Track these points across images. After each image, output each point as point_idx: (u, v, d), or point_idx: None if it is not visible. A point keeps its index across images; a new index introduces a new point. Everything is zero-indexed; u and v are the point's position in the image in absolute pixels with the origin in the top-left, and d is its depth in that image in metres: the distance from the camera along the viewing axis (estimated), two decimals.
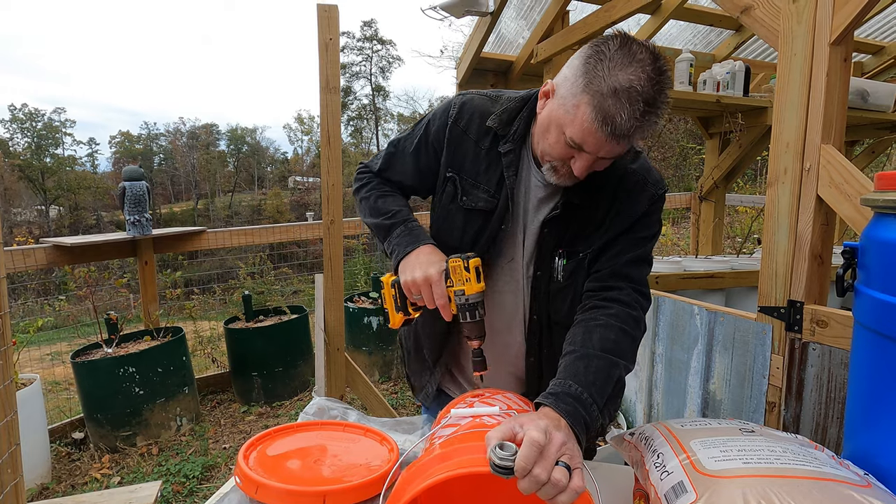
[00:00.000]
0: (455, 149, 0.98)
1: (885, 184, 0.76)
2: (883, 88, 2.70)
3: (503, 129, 0.94)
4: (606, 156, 0.82)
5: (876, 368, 0.74)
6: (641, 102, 0.74)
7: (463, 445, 0.67)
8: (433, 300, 0.91)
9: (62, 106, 70.88)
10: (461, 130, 0.97)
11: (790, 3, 1.29)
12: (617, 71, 0.74)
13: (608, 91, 0.74)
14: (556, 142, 0.84)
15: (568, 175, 0.88)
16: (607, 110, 0.75)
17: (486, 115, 0.96)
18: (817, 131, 1.24)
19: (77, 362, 2.82)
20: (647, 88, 0.74)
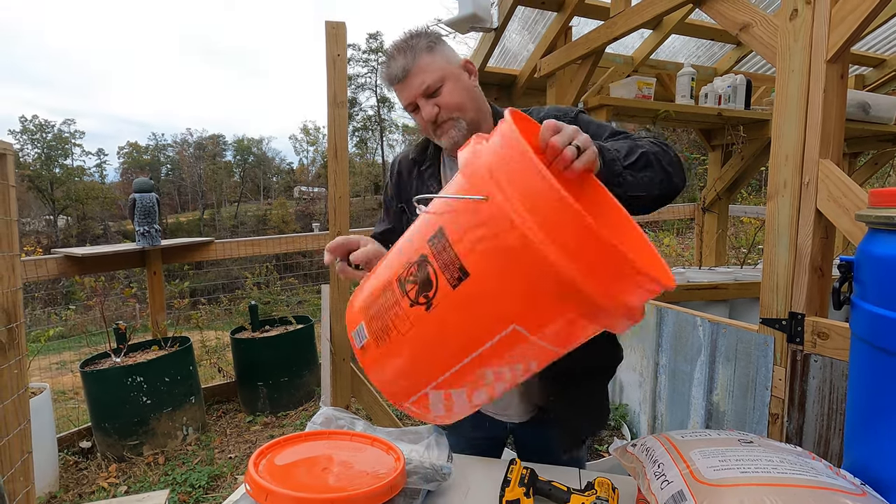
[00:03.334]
0: (398, 191, 1.17)
1: (879, 200, 0.78)
2: (884, 101, 2.72)
3: (420, 156, 1.14)
4: (418, 92, 0.99)
5: (873, 380, 0.76)
6: (392, 50, 1.00)
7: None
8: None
9: (72, 118, 71.89)
10: (396, 176, 1.18)
11: (787, 21, 1.32)
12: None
13: (382, 67, 1.04)
14: (414, 118, 1.05)
15: (440, 130, 1.02)
16: (385, 74, 1.03)
17: (409, 153, 1.17)
18: (815, 146, 1.26)
19: (86, 371, 2.85)
20: (394, 43, 1.01)
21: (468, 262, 0.59)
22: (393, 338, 0.66)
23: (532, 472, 0.91)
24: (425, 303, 0.63)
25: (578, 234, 0.54)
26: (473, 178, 0.61)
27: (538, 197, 0.55)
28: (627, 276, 0.56)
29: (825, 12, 1.23)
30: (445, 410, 0.72)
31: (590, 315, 0.57)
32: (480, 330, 0.61)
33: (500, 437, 1.25)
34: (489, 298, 0.59)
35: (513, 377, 0.68)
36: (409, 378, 0.69)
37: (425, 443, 1.08)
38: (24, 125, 40.41)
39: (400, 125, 41.07)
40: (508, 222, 0.55)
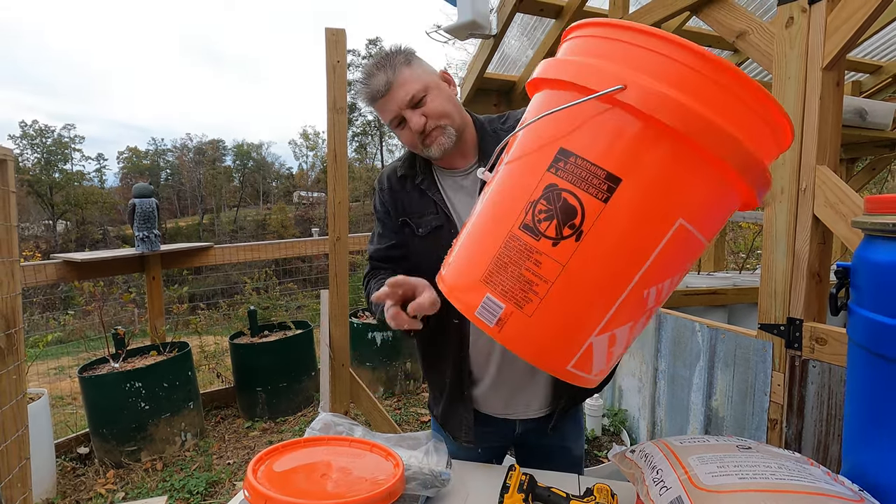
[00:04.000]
0: (395, 204, 1.15)
1: (874, 207, 0.79)
2: (881, 107, 2.74)
3: (410, 171, 1.14)
4: (403, 104, 1.00)
5: (870, 386, 0.76)
6: (370, 67, 1.02)
7: None
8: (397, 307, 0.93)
9: (72, 123, 71.95)
10: (389, 191, 1.16)
11: (783, 29, 1.33)
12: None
13: (361, 88, 1.04)
14: (399, 135, 1.06)
15: (429, 140, 1.03)
16: (365, 93, 1.03)
17: (395, 170, 1.16)
18: (812, 153, 1.27)
19: (84, 377, 2.84)
20: (371, 62, 1.03)
21: (615, 168, 0.53)
22: (540, 291, 0.57)
23: (531, 478, 0.91)
24: (572, 233, 0.55)
25: (728, 87, 0.52)
26: (587, 77, 0.55)
27: (669, 65, 0.52)
28: (775, 127, 0.56)
29: (821, 20, 1.24)
30: (606, 361, 0.63)
31: (746, 173, 0.54)
32: (645, 239, 0.55)
33: (504, 446, 1.25)
34: (649, 198, 0.54)
35: (668, 291, 0.62)
36: (570, 332, 0.59)
37: (424, 448, 1.08)
38: (24, 130, 40.46)
39: None
40: (658, 99, 0.51)
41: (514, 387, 1.13)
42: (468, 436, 1.15)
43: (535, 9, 2.58)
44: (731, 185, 0.57)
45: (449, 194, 1.11)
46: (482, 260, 0.61)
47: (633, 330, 0.63)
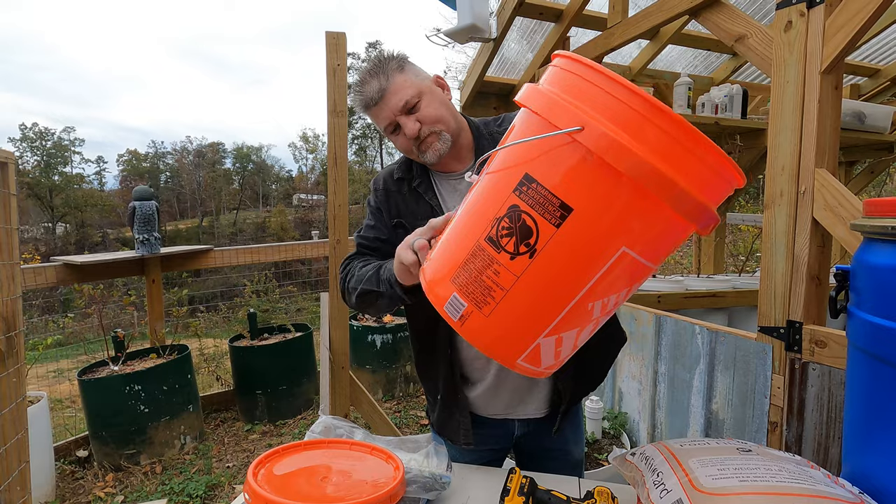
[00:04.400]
0: (389, 207, 1.15)
1: (874, 210, 0.79)
2: (879, 111, 2.75)
3: (407, 174, 1.14)
4: (397, 110, 1.00)
5: (870, 389, 0.77)
6: (363, 74, 1.03)
7: None
8: (428, 243, 0.87)
9: (72, 125, 72.00)
10: (384, 193, 1.16)
11: (782, 33, 1.34)
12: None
13: (355, 96, 1.05)
14: (394, 141, 1.06)
15: (424, 145, 1.03)
16: (359, 101, 1.04)
17: (391, 173, 1.17)
18: (811, 156, 1.28)
19: (84, 380, 2.84)
20: (364, 69, 1.03)
21: (569, 198, 0.60)
22: (496, 296, 0.65)
23: (532, 481, 0.91)
24: (527, 251, 0.63)
25: (675, 136, 0.58)
26: (553, 114, 0.61)
27: (625, 111, 0.58)
28: (718, 171, 0.62)
29: (819, 24, 1.25)
30: (554, 358, 0.71)
31: (689, 215, 0.60)
32: (590, 262, 0.62)
33: (504, 448, 1.25)
34: (595, 227, 0.61)
35: (613, 304, 0.70)
36: (520, 333, 0.67)
37: (424, 451, 1.08)
38: (24, 133, 40.50)
39: None
40: (608, 143, 0.57)
41: (514, 389, 1.13)
42: (467, 437, 1.15)
43: (534, 13, 2.59)
44: (676, 223, 0.63)
45: (445, 197, 1.11)
46: (454, 262, 0.70)
47: (579, 334, 0.71)
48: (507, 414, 1.16)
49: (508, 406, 1.15)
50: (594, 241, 0.62)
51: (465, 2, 2.43)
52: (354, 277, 1.09)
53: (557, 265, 0.63)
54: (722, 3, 1.62)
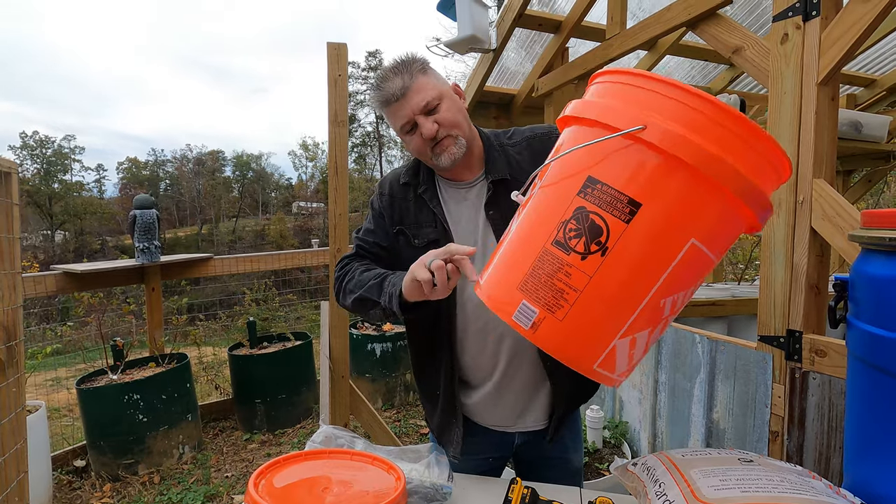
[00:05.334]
0: (392, 213, 1.15)
1: (871, 221, 0.80)
2: (876, 120, 2.77)
3: (413, 179, 1.14)
4: (417, 109, 1.01)
5: (870, 398, 0.77)
6: (385, 72, 1.03)
7: None
8: (443, 264, 0.88)
9: (72, 133, 72.17)
10: (388, 198, 1.16)
11: (778, 45, 1.36)
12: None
13: (374, 91, 1.05)
14: (408, 143, 1.06)
15: (440, 148, 1.04)
16: (379, 97, 1.04)
17: (399, 177, 1.17)
18: (809, 166, 1.29)
19: (82, 389, 2.83)
20: (385, 66, 1.04)
21: (637, 194, 0.63)
22: (570, 299, 0.65)
23: (533, 492, 0.91)
24: (599, 249, 0.64)
25: (732, 128, 0.62)
26: (612, 118, 0.66)
27: (682, 111, 0.63)
28: (770, 158, 0.66)
29: (815, 37, 1.26)
30: (628, 363, 0.70)
31: (748, 200, 0.64)
32: (661, 255, 0.64)
33: (503, 457, 1.24)
34: (664, 220, 0.63)
35: (682, 303, 0.71)
36: (596, 334, 0.67)
37: (425, 462, 1.07)
38: (24, 141, 40.63)
39: (398, 141, 41.38)
40: (671, 137, 0.61)
41: (514, 401, 1.13)
42: (456, 449, 1.15)
43: (533, 24, 2.62)
44: (736, 210, 0.65)
45: (450, 206, 1.12)
46: (519, 271, 0.70)
47: (651, 335, 0.70)
48: (506, 427, 1.16)
49: (508, 418, 1.15)
50: (664, 234, 0.63)
51: (466, 13, 2.45)
52: (354, 280, 1.09)
53: (630, 261, 0.64)
54: (719, 16, 1.64)
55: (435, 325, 1.11)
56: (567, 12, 2.60)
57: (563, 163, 0.71)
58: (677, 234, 0.64)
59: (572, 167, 0.68)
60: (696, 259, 0.65)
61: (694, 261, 0.65)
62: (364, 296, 1.05)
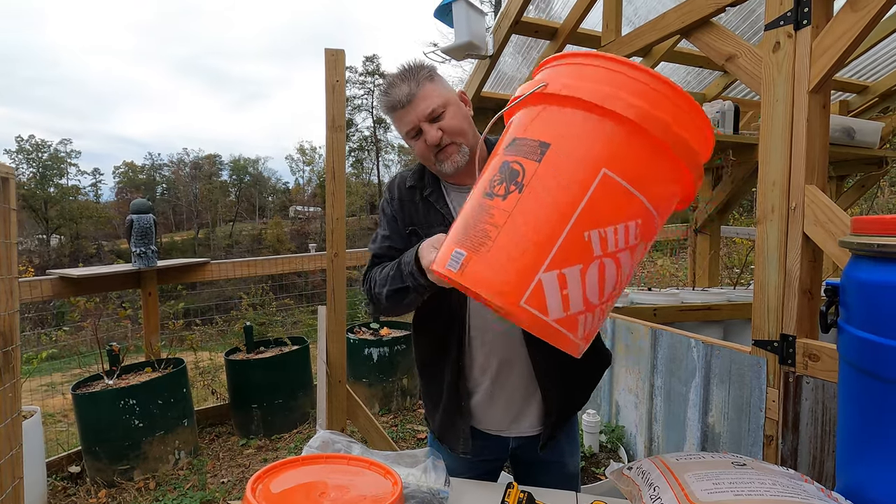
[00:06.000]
0: (403, 215, 1.18)
1: (861, 227, 0.81)
2: (868, 126, 2.80)
3: (419, 182, 1.17)
4: (423, 116, 1.04)
5: (861, 403, 0.78)
6: (393, 78, 1.06)
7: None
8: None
9: (69, 137, 71.99)
10: (398, 200, 1.19)
11: (771, 53, 1.38)
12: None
13: (382, 96, 1.08)
14: (413, 146, 1.09)
15: (443, 155, 1.07)
16: (386, 102, 1.07)
17: (405, 180, 1.20)
18: (801, 172, 1.31)
19: (78, 394, 2.82)
20: (394, 72, 1.07)
21: (545, 137, 0.71)
22: (492, 236, 0.70)
23: (529, 496, 0.91)
24: (515, 188, 0.70)
25: (627, 73, 0.72)
26: (530, 85, 0.78)
27: (585, 69, 0.75)
28: (670, 97, 0.73)
29: (806, 46, 1.28)
30: (563, 306, 0.69)
31: (656, 129, 0.69)
32: (574, 186, 0.69)
33: (500, 459, 1.25)
34: (572, 154, 0.69)
35: (615, 245, 0.71)
36: (518, 267, 0.68)
37: (422, 466, 1.08)
38: (20, 145, 40.51)
39: (396, 146, 41.50)
40: (564, 86, 0.72)
41: (507, 406, 1.14)
42: (466, 446, 1.16)
43: (530, 30, 2.64)
44: (651, 144, 0.71)
45: (456, 208, 1.14)
46: (458, 229, 0.77)
47: (584, 275, 0.70)
48: (501, 431, 1.17)
49: (502, 422, 1.16)
50: (574, 166, 0.69)
51: (462, 20, 2.47)
52: (377, 282, 1.11)
53: (544, 193, 0.69)
54: (712, 24, 1.66)
55: (446, 322, 1.12)
56: (563, 19, 2.62)
57: (500, 141, 0.82)
58: (585, 164, 0.69)
59: (505, 140, 0.79)
60: (615, 192, 0.69)
61: (612, 193, 0.69)
62: (392, 287, 1.06)
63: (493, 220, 0.70)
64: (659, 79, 0.73)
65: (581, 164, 0.69)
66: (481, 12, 2.59)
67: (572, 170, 0.69)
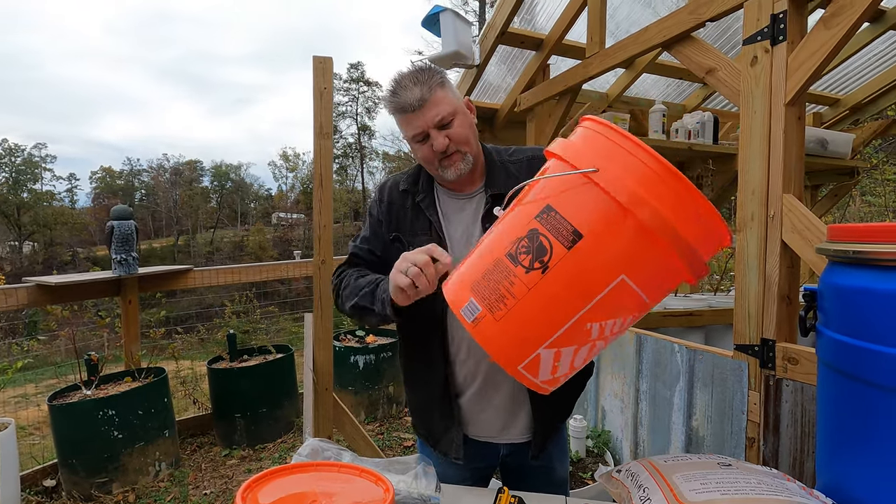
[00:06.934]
0: (390, 219, 1.18)
1: (836, 235, 0.85)
2: (840, 137, 2.91)
3: (413, 187, 1.17)
4: (432, 123, 1.04)
5: (838, 403, 0.81)
6: (405, 79, 1.05)
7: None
8: (420, 270, 0.90)
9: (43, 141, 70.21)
10: (388, 204, 1.19)
11: (749, 67, 1.43)
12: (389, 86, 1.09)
13: (390, 95, 1.07)
14: (416, 150, 1.09)
15: (448, 162, 1.07)
16: (395, 103, 1.05)
17: (398, 183, 1.20)
18: (779, 182, 1.35)
19: (55, 405, 2.74)
20: (405, 73, 1.06)
21: (581, 226, 0.71)
22: (508, 304, 0.73)
23: (520, 501, 0.92)
24: (541, 267, 0.72)
25: (679, 192, 0.70)
26: (576, 158, 0.74)
27: (639, 167, 0.70)
28: (713, 229, 0.74)
29: (782, 60, 1.34)
30: (551, 373, 0.77)
31: (685, 256, 0.71)
32: (592, 284, 0.72)
33: (491, 466, 1.26)
34: (600, 254, 0.71)
35: (611, 332, 0.77)
36: (524, 340, 0.74)
37: (413, 473, 1.08)
38: None
39: (380, 153, 41.46)
40: (619, 184, 0.69)
41: (495, 413, 1.15)
42: (458, 452, 1.16)
43: (516, 41, 2.68)
44: (670, 261, 0.72)
45: (448, 215, 1.15)
46: (475, 274, 0.79)
47: (577, 353, 0.77)
48: (491, 438, 1.18)
49: (493, 428, 1.17)
50: (598, 266, 0.71)
51: (450, 30, 2.51)
52: (350, 287, 1.11)
53: (564, 282, 0.72)
54: (693, 38, 1.72)
55: (427, 332, 1.13)
56: (547, 31, 2.67)
57: (534, 189, 0.81)
58: (610, 268, 0.71)
59: (539, 194, 0.78)
60: (625, 294, 0.72)
61: (623, 295, 0.72)
62: (360, 303, 1.07)
63: (513, 289, 0.73)
64: (707, 207, 0.72)
65: (605, 268, 0.71)
66: (468, 23, 2.63)
67: (596, 270, 0.71)
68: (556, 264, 0.71)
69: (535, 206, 0.77)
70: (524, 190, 0.84)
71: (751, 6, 1.42)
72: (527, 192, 0.83)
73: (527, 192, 0.83)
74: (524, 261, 0.73)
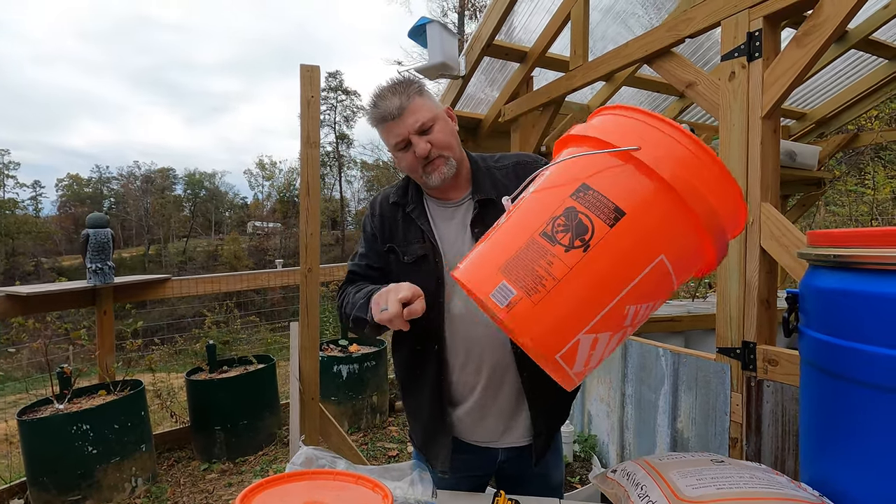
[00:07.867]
0: (383, 231, 1.20)
1: (816, 240, 0.90)
2: (808, 150, 3.05)
3: (402, 198, 1.20)
4: (412, 129, 1.06)
5: (821, 400, 0.85)
6: (384, 91, 1.08)
7: None
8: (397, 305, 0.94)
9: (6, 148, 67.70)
10: (379, 217, 1.22)
11: (727, 82, 1.50)
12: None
13: (371, 108, 1.10)
14: (400, 160, 1.11)
15: (431, 167, 1.09)
16: (375, 114, 1.09)
17: (388, 196, 1.22)
18: (757, 190, 1.42)
19: (24, 420, 2.63)
20: (384, 85, 1.10)
21: (622, 203, 0.70)
22: (548, 285, 0.68)
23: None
24: (582, 245, 0.69)
25: (715, 173, 0.72)
26: (617, 138, 0.73)
27: (676, 147, 0.71)
28: (738, 211, 0.77)
29: (759, 76, 1.41)
30: (585, 363, 0.73)
31: (714, 235, 0.72)
32: (634, 263, 0.70)
33: (487, 474, 1.26)
34: (642, 230, 0.70)
35: (641, 317, 0.76)
36: (563, 324, 0.70)
37: (409, 479, 1.08)
38: None
39: (358, 161, 41.34)
40: (662, 159, 0.69)
41: (496, 418, 1.16)
42: (444, 464, 1.16)
43: (500, 53, 2.74)
44: (703, 242, 0.74)
45: (438, 224, 1.16)
46: (503, 255, 0.74)
47: (611, 340, 0.75)
48: (490, 442, 1.18)
49: (493, 433, 1.17)
50: (640, 245, 0.70)
51: (436, 41, 2.55)
52: (349, 303, 1.13)
53: (607, 261, 0.69)
54: (673, 53, 1.79)
55: (422, 339, 1.14)
56: (525, 43, 2.74)
57: (559, 171, 0.78)
58: (651, 246, 0.71)
59: (569, 176, 0.76)
60: (661, 275, 0.72)
61: (659, 276, 0.72)
62: (357, 316, 1.08)
63: (552, 269, 0.69)
64: (736, 189, 0.75)
65: (647, 245, 0.70)
66: (454, 34, 2.68)
67: (639, 248, 0.70)
68: (597, 242, 0.68)
69: (568, 186, 0.74)
70: (536, 178, 0.83)
71: (728, 24, 1.50)
72: (539, 178, 0.82)
73: (539, 178, 0.82)
74: (563, 239, 0.69)
